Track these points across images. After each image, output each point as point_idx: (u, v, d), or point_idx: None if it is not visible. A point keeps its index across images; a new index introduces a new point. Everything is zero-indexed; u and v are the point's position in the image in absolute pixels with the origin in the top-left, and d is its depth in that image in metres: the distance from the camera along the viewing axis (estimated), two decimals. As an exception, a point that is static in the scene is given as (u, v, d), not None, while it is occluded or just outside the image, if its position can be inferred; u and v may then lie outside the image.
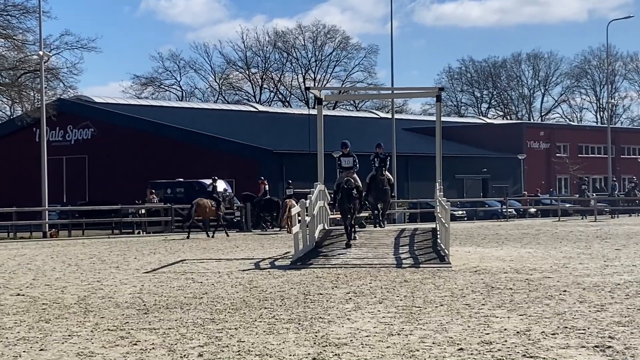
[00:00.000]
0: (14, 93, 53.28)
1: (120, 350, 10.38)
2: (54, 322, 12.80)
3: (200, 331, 11.71)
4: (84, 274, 20.77)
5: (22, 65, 50.75)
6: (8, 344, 10.93)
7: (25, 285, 18.27)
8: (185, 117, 69.75)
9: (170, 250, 29.48)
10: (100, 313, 13.68)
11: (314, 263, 21.92)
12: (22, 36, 51.27)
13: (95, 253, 29.18)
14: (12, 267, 23.40)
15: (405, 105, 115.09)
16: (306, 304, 14.38)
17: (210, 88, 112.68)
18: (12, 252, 30.51)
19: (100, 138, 66.61)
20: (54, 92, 58.45)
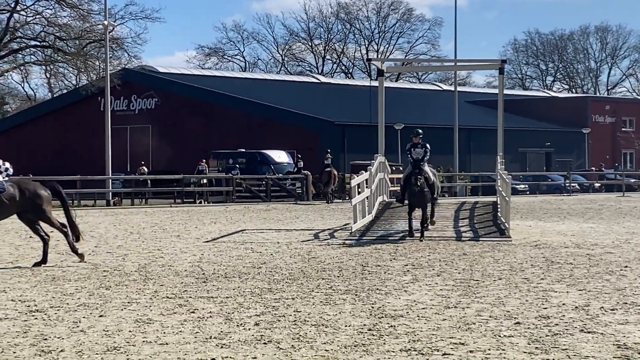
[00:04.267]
0: (80, 62, 53.86)
1: (178, 318, 10.49)
2: (114, 289, 12.97)
3: (258, 300, 11.79)
4: (145, 242, 21.01)
5: (87, 34, 51.26)
6: (69, 309, 11.11)
7: (88, 252, 18.51)
8: (247, 88, 69.91)
9: (230, 220, 29.68)
10: (160, 281, 13.84)
11: (373, 235, 21.91)
12: (87, 6, 51.80)
13: (157, 222, 29.49)
14: (76, 234, 23.70)
15: (469, 78, 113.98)
16: (364, 276, 14.39)
17: (273, 59, 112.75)
18: (76, 220, 30.89)
19: (164, 108, 67.09)
20: (118, 61, 59.08)
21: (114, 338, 9.31)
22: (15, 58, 53.25)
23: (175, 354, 8.59)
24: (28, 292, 12.65)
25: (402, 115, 59.03)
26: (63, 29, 50.33)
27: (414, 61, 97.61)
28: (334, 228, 25.01)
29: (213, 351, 8.69)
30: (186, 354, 8.56)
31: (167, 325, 10.00)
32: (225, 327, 9.93)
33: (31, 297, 12.09)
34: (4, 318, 10.47)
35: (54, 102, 78.78)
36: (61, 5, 49.90)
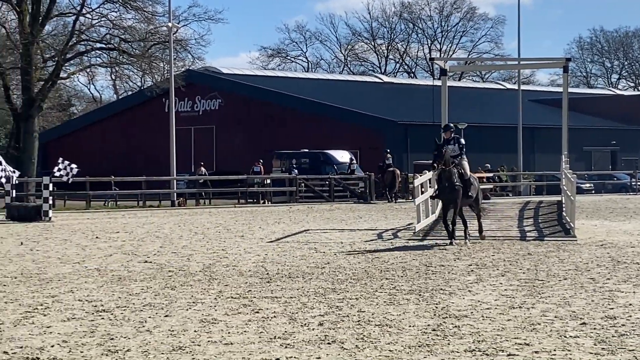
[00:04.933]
0: (144, 64, 54.30)
1: (242, 318, 10.54)
2: (179, 289, 13.08)
3: (321, 300, 11.80)
4: (209, 243, 21.16)
5: (151, 36, 51.67)
6: (134, 309, 11.23)
7: (153, 253, 18.72)
8: (310, 88, 70.04)
9: (294, 220, 29.75)
10: (224, 281, 13.92)
11: (436, 235, 21.81)
12: (151, 8, 52.18)
13: (221, 222, 29.68)
14: (141, 235, 23.99)
15: (533, 77, 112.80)
16: (427, 276, 14.34)
17: (335, 59, 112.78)
18: (141, 220, 31.28)
19: (228, 108, 67.50)
20: (182, 63, 59.52)
21: (180, 338, 9.39)
22: (81, 60, 53.89)
23: (239, 353, 8.64)
24: (95, 292, 12.81)
25: (465, 114, 58.61)
26: (128, 31, 50.80)
27: (477, 60, 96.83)
28: (397, 228, 24.94)
29: (277, 351, 8.73)
30: (251, 354, 8.60)
31: (231, 325, 10.06)
32: (290, 327, 9.96)
33: (98, 297, 12.24)
34: (71, 318, 10.62)
35: (119, 104, 79.75)
36: (126, 7, 50.37)
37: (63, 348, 8.90)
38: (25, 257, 18.09)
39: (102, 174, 49.39)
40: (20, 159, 47.53)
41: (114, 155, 69.01)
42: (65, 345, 9.04)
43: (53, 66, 50.68)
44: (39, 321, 10.39)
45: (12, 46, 50.82)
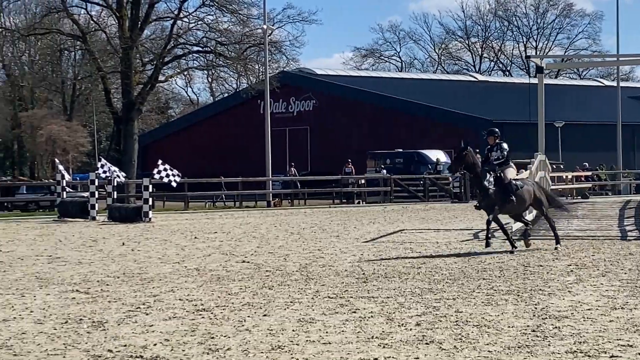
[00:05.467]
0: (240, 66, 54.97)
1: (339, 318, 10.59)
2: (277, 288, 13.20)
3: (418, 300, 11.78)
4: (305, 243, 21.29)
5: (247, 39, 52.26)
6: (234, 309, 11.37)
7: (250, 253, 18.92)
8: (404, 88, 69.88)
9: (389, 220, 29.73)
10: (321, 281, 13.99)
11: (534, 234, 21.56)
12: (247, 11, 52.83)
13: (316, 222, 29.82)
14: (238, 235, 24.26)
15: (632, 73, 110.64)
16: (525, 276, 14.19)
17: (429, 58, 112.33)
18: (238, 221, 31.63)
19: (322, 109, 67.78)
20: (277, 64, 59.99)
21: (278, 337, 9.48)
22: (178, 64, 54.83)
23: (338, 353, 8.68)
24: (195, 291, 13.01)
25: (562, 112, 57.83)
26: (224, 34, 51.48)
27: (574, 57, 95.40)
28: (494, 228, 24.69)
29: (375, 351, 8.74)
30: (349, 354, 8.64)
31: (329, 325, 10.11)
32: (387, 327, 9.97)
33: (198, 297, 12.43)
34: (172, 317, 10.81)
35: (215, 106, 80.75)
36: (222, 11, 51.07)
37: (165, 346, 9.07)
38: (127, 257, 18.46)
39: (199, 175, 50.08)
40: (121, 161, 48.54)
41: (211, 157, 69.88)
42: (167, 343, 9.21)
43: (152, 70, 51.64)
44: (142, 320, 10.60)
45: (112, 51, 51.97)
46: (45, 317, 10.90)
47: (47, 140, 70.76)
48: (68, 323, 10.43)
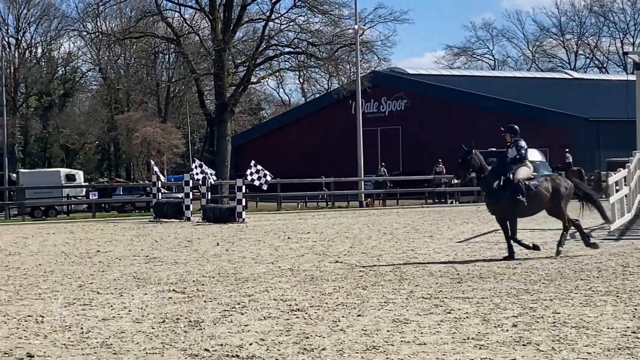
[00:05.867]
0: (331, 67, 55.10)
1: (434, 318, 10.52)
2: (371, 289, 13.18)
3: (514, 301, 11.64)
4: (398, 243, 21.22)
5: (338, 39, 52.34)
6: (328, 309, 11.38)
7: (343, 253, 18.94)
8: (497, 86, 69.17)
9: (482, 220, 29.42)
10: (415, 281, 13.93)
11: (632, 234, 21.13)
12: (338, 11, 52.89)
13: (409, 222, 29.70)
14: (331, 235, 24.30)
15: None
16: (625, 276, 13.91)
17: (522, 56, 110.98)
18: (331, 221, 31.70)
19: (413, 108, 67.53)
20: (368, 64, 60.05)
21: (373, 337, 9.46)
22: (270, 65, 55.21)
23: (433, 354, 8.63)
24: (289, 291, 13.07)
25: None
26: (315, 35, 51.66)
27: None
28: (591, 227, 24.28)
29: (471, 352, 8.67)
30: (444, 355, 8.58)
31: (424, 326, 10.06)
32: (483, 327, 9.87)
33: (292, 297, 12.48)
34: (267, 317, 10.87)
35: (307, 107, 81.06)
36: (313, 11, 51.25)
37: (261, 346, 9.13)
38: (222, 257, 18.65)
39: (291, 176, 50.34)
40: (214, 162, 49.10)
41: (303, 157, 70.20)
42: (263, 343, 9.27)
43: (244, 71, 52.09)
44: (237, 319, 10.69)
45: (205, 53, 52.59)
46: (143, 316, 11.07)
47: (142, 142, 72.02)
48: (165, 322, 10.58)
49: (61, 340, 9.64)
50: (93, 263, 17.86)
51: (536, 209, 17.80)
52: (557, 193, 17.42)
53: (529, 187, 17.27)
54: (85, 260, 18.60)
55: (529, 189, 17.24)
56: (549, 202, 17.52)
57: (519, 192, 17.10)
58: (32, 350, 9.07)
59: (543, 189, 17.38)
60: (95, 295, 12.98)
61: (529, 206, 17.34)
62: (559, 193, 17.43)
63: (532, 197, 17.25)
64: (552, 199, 17.43)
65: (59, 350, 9.14)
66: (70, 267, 17.08)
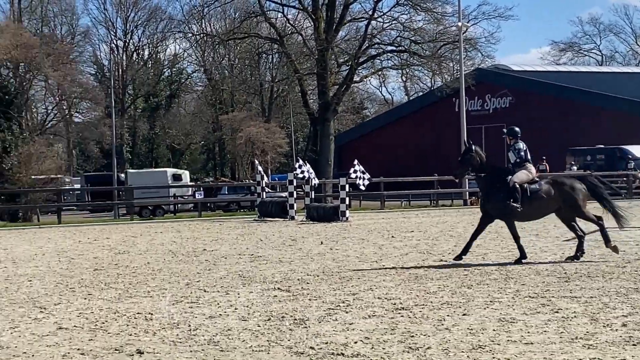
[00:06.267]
0: (434, 65, 54.84)
1: (541, 318, 10.38)
2: (476, 287, 13.07)
3: (624, 300, 11.41)
4: (503, 241, 20.99)
5: (441, 37, 52.07)
6: (433, 308, 11.34)
7: (447, 252, 18.83)
8: (604, 82, 67.82)
9: (590, 218, 28.89)
10: (521, 280, 13.76)
11: None
12: (441, 9, 52.65)
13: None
14: (435, 234, 24.18)
15: None
16: None
17: (631, 51, 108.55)
18: (434, 220, 31.54)
19: (518, 106, 66.67)
20: (472, 62, 59.53)
21: (479, 336, 9.38)
22: (373, 64, 55.22)
23: (540, 353, 8.52)
24: (393, 290, 13.05)
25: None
26: (418, 33, 51.49)
27: None
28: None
29: (579, 352, 8.53)
30: (552, 354, 8.46)
31: (530, 325, 9.93)
32: (591, 327, 9.70)
33: (396, 295, 12.46)
34: (372, 315, 10.88)
35: (409, 105, 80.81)
36: (416, 9, 51.09)
37: (366, 344, 9.14)
38: (326, 255, 18.73)
39: (394, 175, 50.24)
40: (318, 161, 49.30)
41: (406, 156, 69.99)
42: (368, 341, 9.28)
43: (347, 70, 52.23)
44: (342, 318, 10.73)
45: (308, 53, 52.89)
46: (249, 314, 11.19)
47: (246, 142, 72.73)
48: (271, 320, 10.67)
49: (169, 337, 9.82)
50: (200, 261, 18.13)
51: (537, 213, 17.28)
52: (564, 196, 16.77)
53: (527, 191, 16.73)
54: (192, 258, 18.89)
55: (526, 193, 16.71)
56: (554, 205, 16.94)
57: (511, 197, 16.62)
58: (142, 347, 9.26)
59: (543, 193, 16.78)
60: (202, 293, 13.17)
61: (527, 211, 16.86)
62: (566, 196, 16.78)
63: (530, 202, 16.73)
64: (556, 202, 16.83)
65: (167, 347, 9.31)
66: (177, 266, 17.38)
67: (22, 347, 9.50)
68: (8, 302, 12.90)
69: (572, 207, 16.85)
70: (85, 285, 14.66)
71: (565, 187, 16.83)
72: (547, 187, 16.85)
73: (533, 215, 17.41)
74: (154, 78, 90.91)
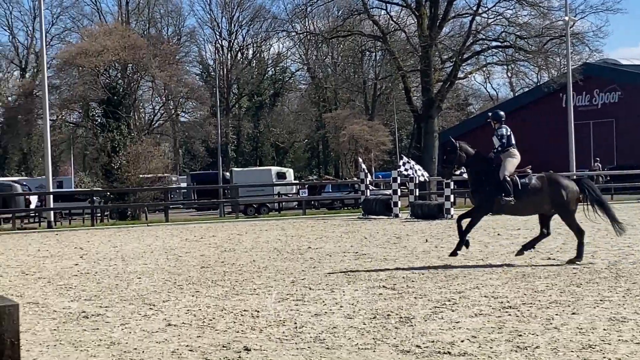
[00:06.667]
0: (540, 60, 54.03)
1: (654, 318, 10.12)
2: (585, 286, 12.82)
3: None
4: (613, 239, 20.53)
5: (547, 31, 51.24)
6: (540, 306, 11.15)
7: (556, 250, 18.54)
8: None
9: None
10: (632, 278, 13.46)
11: None
12: (547, 3, 51.88)
13: (624, 217, 28.57)
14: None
15: None
16: None
17: None
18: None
19: (628, 101, 65.24)
20: (579, 56, 58.43)
21: (589, 336, 9.20)
22: (477, 60, 54.70)
23: (654, 354, 8.31)
24: (500, 288, 12.88)
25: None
26: (523, 28, 50.76)
27: None
28: None
29: (695, 353, 8.29)
30: (666, 356, 8.24)
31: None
32: None
33: (503, 294, 12.30)
34: (478, 314, 10.76)
35: (514, 101, 79.75)
36: (521, 4, 50.35)
37: (472, 343, 9.04)
38: (431, 254, 18.61)
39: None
40: (421, 159, 49.08)
41: (512, 152, 69.04)
42: (475, 340, 9.17)
43: (451, 67, 51.84)
44: (448, 316, 10.64)
45: (412, 50, 52.69)
46: (354, 312, 11.18)
47: (349, 140, 72.89)
48: (376, 318, 10.64)
49: (276, 334, 9.87)
50: (304, 259, 18.21)
51: (525, 208, 16.61)
52: (554, 194, 16.16)
53: (518, 185, 16.19)
54: (296, 256, 18.99)
55: (517, 187, 16.16)
56: (543, 202, 16.33)
57: (504, 192, 16.05)
58: (249, 344, 9.33)
59: (532, 188, 16.21)
60: (307, 291, 13.22)
61: (517, 205, 16.25)
62: (556, 194, 16.16)
63: (520, 196, 16.16)
64: (546, 199, 16.25)
65: (274, 344, 9.36)
66: (282, 263, 17.48)
67: (132, 343, 9.67)
68: (118, 298, 13.17)
69: (560, 207, 16.31)
70: (193, 282, 14.86)
71: (557, 185, 16.28)
72: (537, 182, 16.34)
73: (521, 210, 16.78)
74: (258, 77, 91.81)
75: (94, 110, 65.00)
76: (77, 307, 12.47)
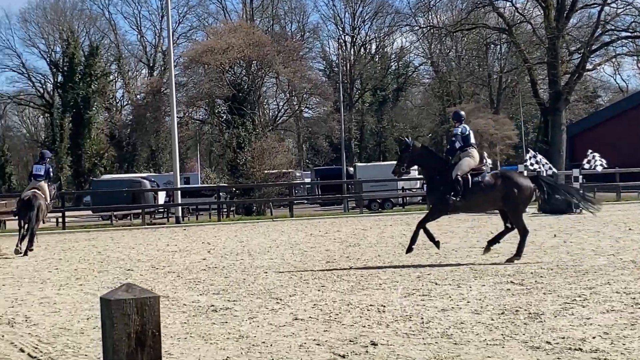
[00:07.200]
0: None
1: None
2: None
3: None
4: None
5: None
6: None
7: (690, 245, 17.97)
8: None
9: None
10: None
11: None
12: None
13: None
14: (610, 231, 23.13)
15: None
16: None
17: None
18: None
19: None
20: None
21: None
22: (606, 51, 53.49)
23: None
24: (632, 284, 12.54)
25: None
26: (653, 18, 49.44)
27: None
28: None
29: None
30: None
31: None
32: None
33: (635, 290, 11.96)
34: (610, 310, 10.49)
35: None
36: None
37: (604, 340, 8.81)
38: (559, 249, 18.26)
39: (632, 165, 48.40)
40: (549, 152, 48.28)
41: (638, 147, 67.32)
42: (607, 337, 8.94)
43: (579, 58, 50.87)
44: (578, 312, 10.40)
45: (538, 42, 51.89)
46: (481, 307, 11.04)
47: (474, 134, 72.19)
48: (505, 314, 10.48)
49: (402, 329, 9.82)
50: (430, 254, 18.09)
51: (477, 205, 16.48)
52: (506, 191, 15.97)
53: (469, 182, 16.02)
54: (421, 251, 18.87)
55: (467, 185, 16.00)
56: (496, 199, 16.09)
57: (452, 190, 16.08)
58: (376, 339, 9.31)
59: (485, 185, 16.03)
60: (433, 286, 13.12)
61: (467, 203, 16.14)
62: (509, 192, 15.97)
63: (471, 194, 16.01)
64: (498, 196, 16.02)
65: (400, 339, 9.32)
66: (407, 258, 17.40)
67: (260, 336, 9.76)
68: (246, 292, 13.32)
69: (510, 203, 16.12)
70: (318, 277, 14.93)
71: (510, 183, 16.12)
72: (490, 179, 16.20)
73: (473, 207, 16.81)
74: (381, 72, 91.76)
75: (219, 107, 66.01)
76: (206, 300, 12.66)
